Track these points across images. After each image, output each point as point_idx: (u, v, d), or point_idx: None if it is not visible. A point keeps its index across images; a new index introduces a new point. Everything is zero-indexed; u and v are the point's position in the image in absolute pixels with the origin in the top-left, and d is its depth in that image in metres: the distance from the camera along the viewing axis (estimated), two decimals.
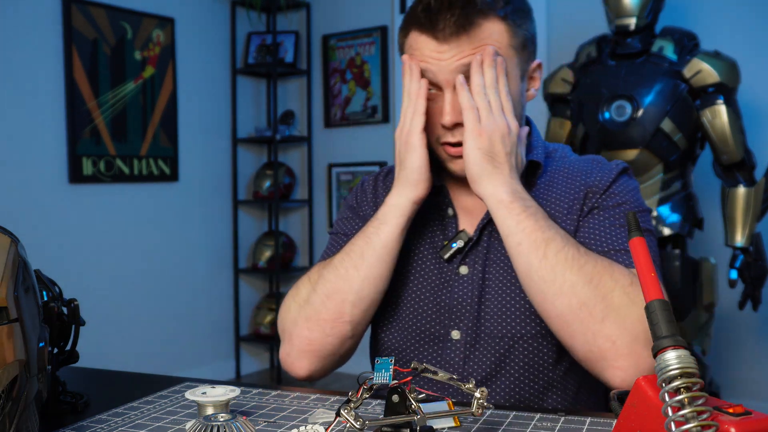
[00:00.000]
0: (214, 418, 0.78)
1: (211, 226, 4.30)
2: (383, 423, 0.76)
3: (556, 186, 1.15)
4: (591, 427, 0.84)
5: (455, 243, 1.13)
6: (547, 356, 1.10)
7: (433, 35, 1.06)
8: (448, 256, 1.13)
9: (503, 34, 1.08)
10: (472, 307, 1.12)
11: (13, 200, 3.30)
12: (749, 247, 2.68)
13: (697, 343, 2.75)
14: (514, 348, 1.10)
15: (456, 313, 1.13)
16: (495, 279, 1.12)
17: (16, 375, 0.71)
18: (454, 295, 1.13)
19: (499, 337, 1.10)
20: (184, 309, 4.12)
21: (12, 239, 0.76)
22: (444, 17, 1.05)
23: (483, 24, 1.06)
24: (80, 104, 3.59)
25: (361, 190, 1.28)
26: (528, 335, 1.09)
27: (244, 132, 4.49)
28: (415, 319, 1.15)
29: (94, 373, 1.18)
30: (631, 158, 2.70)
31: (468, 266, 1.14)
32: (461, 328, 1.12)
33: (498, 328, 1.10)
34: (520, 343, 1.10)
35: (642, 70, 2.69)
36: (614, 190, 1.12)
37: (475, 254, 1.14)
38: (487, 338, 1.11)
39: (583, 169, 1.16)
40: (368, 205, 1.25)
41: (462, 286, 1.13)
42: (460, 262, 1.14)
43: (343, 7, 4.40)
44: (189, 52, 4.13)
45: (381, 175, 1.29)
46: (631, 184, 1.14)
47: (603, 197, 1.11)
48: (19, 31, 3.34)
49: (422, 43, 1.08)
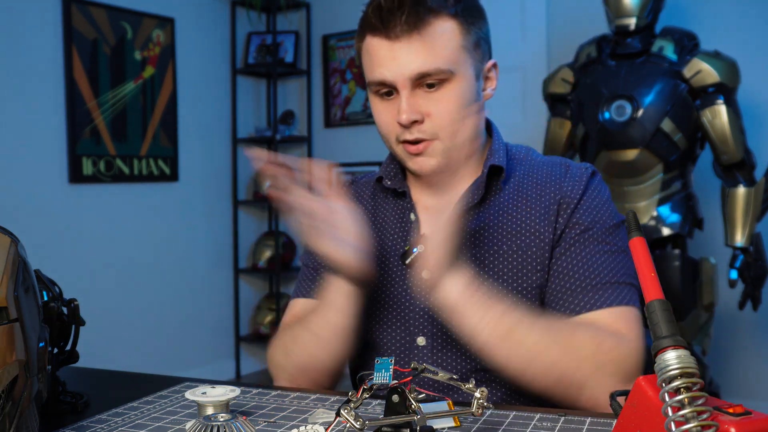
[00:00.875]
0: (214, 418, 0.78)
1: (211, 226, 4.30)
2: (383, 423, 0.76)
3: (526, 193, 1.14)
4: (591, 427, 0.84)
5: (416, 248, 1.11)
6: None
7: (385, 36, 1.07)
8: (409, 261, 1.11)
9: (455, 32, 1.08)
10: (433, 311, 1.10)
11: (13, 200, 3.29)
12: (749, 247, 2.68)
13: (697, 343, 2.75)
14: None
15: (419, 318, 1.12)
16: None
17: (16, 375, 0.71)
18: (417, 300, 1.12)
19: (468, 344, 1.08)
20: (184, 309, 4.12)
21: (12, 239, 0.76)
22: (395, 17, 1.05)
23: (434, 23, 1.06)
24: (80, 104, 3.59)
25: None
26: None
27: (244, 132, 4.49)
28: (382, 328, 1.15)
29: (94, 373, 1.18)
30: (631, 158, 2.70)
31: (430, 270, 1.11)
32: (425, 333, 1.12)
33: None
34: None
35: (642, 70, 2.69)
36: (586, 204, 1.11)
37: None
38: (455, 343, 1.09)
39: (552, 174, 1.14)
40: None
41: (425, 290, 1.09)
42: (423, 266, 1.11)
43: (343, 7, 4.40)
44: (189, 52, 4.13)
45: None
46: (602, 194, 1.13)
47: (576, 213, 1.10)
48: (19, 31, 3.34)
49: (376, 46, 1.09)
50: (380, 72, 1.08)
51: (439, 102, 1.08)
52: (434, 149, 1.09)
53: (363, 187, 1.27)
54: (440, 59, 1.06)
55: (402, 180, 1.20)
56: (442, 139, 1.09)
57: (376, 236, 1.18)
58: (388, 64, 1.07)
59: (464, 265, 1.03)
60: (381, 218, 1.21)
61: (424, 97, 1.08)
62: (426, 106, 1.08)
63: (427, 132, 1.08)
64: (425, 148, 1.09)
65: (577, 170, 1.14)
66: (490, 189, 1.14)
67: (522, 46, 3.72)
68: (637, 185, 2.75)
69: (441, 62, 1.06)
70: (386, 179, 1.20)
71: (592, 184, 1.13)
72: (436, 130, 1.08)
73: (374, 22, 1.08)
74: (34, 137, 3.42)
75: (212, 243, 4.31)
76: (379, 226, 1.20)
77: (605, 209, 1.11)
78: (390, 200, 1.21)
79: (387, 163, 1.22)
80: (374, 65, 1.09)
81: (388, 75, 1.08)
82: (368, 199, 1.25)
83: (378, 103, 1.13)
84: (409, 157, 1.11)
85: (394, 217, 1.19)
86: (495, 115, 1.25)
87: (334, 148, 4.47)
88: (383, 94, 1.11)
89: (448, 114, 1.08)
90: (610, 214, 1.12)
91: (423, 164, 1.11)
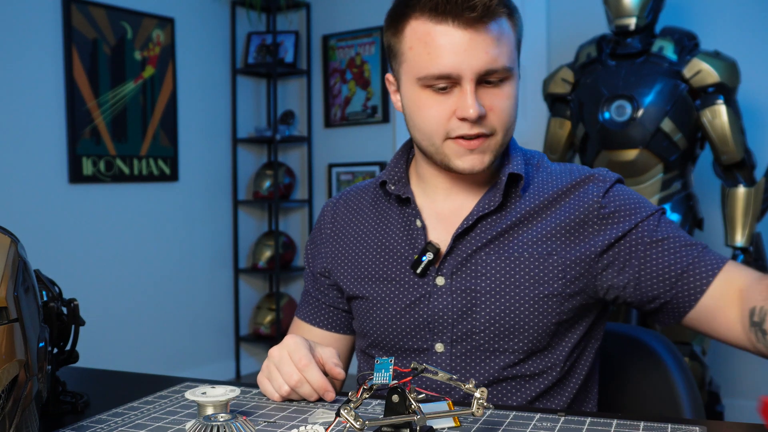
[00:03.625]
0: (214, 418, 0.78)
1: (211, 226, 4.30)
2: (383, 423, 0.76)
3: (546, 201, 1.11)
4: (591, 427, 0.84)
5: (425, 256, 1.10)
6: (539, 360, 1.09)
7: (454, 22, 1.01)
8: (420, 271, 1.10)
9: (512, 30, 1.06)
10: (453, 318, 1.09)
11: (13, 200, 3.30)
12: (749, 247, 2.68)
13: (697, 343, 2.75)
14: (504, 354, 1.08)
15: (437, 325, 1.10)
16: (484, 290, 1.08)
17: (16, 375, 0.71)
18: (433, 307, 1.10)
19: (490, 351, 1.08)
20: (184, 309, 4.12)
21: (12, 239, 0.76)
22: (467, 3, 1.00)
23: (501, 17, 1.04)
24: (80, 104, 3.59)
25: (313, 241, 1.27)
26: (516, 341, 1.07)
27: (244, 132, 4.49)
28: (397, 336, 1.13)
29: (94, 373, 1.18)
30: (631, 158, 2.70)
31: (445, 276, 1.10)
32: (444, 340, 1.10)
33: (487, 341, 1.08)
34: (509, 349, 1.08)
35: (642, 70, 2.69)
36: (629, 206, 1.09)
37: (450, 263, 1.10)
38: (477, 351, 1.08)
39: (572, 184, 1.12)
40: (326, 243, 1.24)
41: (441, 297, 1.10)
42: (436, 273, 1.11)
43: (343, 7, 4.40)
44: (189, 52, 4.13)
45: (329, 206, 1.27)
46: (632, 192, 1.13)
47: (630, 219, 1.08)
48: (19, 31, 3.34)
49: (440, 33, 1.02)
50: (445, 64, 1.02)
51: (501, 97, 1.06)
52: (489, 145, 1.07)
53: (362, 194, 1.25)
54: (506, 56, 1.04)
55: (406, 185, 1.17)
56: (497, 135, 1.07)
57: (382, 238, 1.17)
58: (455, 56, 1.02)
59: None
60: (386, 224, 1.19)
61: (487, 92, 1.05)
62: (489, 100, 1.05)
63: (487, 126, 1.06)
64: (482, 143, 1.06)
65: (600, 178, 1.12)
66: (509, 196, 1.12)
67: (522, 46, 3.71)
68: (637, 185, 2.75)
69: (507, 59, 1.04)
70: (390, 184, 1.17)
71: (622, 188, 1.12)
72: (496, 125, 1.06)
73: (438, 3, 1.02)
74: (34, 137, 3.42)
75: (212, 243, 4.31)
76: (384, 233, 1.18)
77: (646, 203, 1.11)
78: (394, 206, 1.19)
79: (392, 166, 1.19)
80: (436, 56, 1.02)
81: (455, 68, 1.02)
82: (369, 205, 1.22)
83: (429, 98, 1.06)
84: (461, 153, 1.07)
85: (399, 223, 1.17)
86: None
87: (334, 148, 4.48)
88: (439, 89, 1.05)
89: (507, 109, 1.07)
90: (648, 204, 1.11)
91: (476, 161, 1.07)
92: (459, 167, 1.08)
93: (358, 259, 1.19)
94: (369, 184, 1.25)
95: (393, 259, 1.15)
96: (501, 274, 1.08)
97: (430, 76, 1.03)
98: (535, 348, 1.08)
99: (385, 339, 1.15)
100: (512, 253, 1.09)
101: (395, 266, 1.14)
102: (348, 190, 1.28)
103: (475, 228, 1.11)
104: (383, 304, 1.14)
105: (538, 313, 1.07)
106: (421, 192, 1.17)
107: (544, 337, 1.08)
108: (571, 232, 1.09)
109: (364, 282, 1.17)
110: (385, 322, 1.14)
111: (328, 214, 1.26)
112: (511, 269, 1.08)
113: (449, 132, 1.06)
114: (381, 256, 1.16)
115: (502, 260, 1.08)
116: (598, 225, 1.08)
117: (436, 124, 1.06)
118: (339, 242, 1.22)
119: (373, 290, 1.15)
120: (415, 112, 1.08)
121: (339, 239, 1.22)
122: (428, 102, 1.06)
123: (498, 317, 1.07)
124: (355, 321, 1.21)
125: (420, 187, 1.17)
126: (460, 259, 1.10)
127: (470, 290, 1.09)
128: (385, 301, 1.14)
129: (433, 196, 1.16)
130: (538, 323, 1.07)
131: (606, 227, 1.08)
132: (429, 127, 1.07)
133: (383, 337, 1.15)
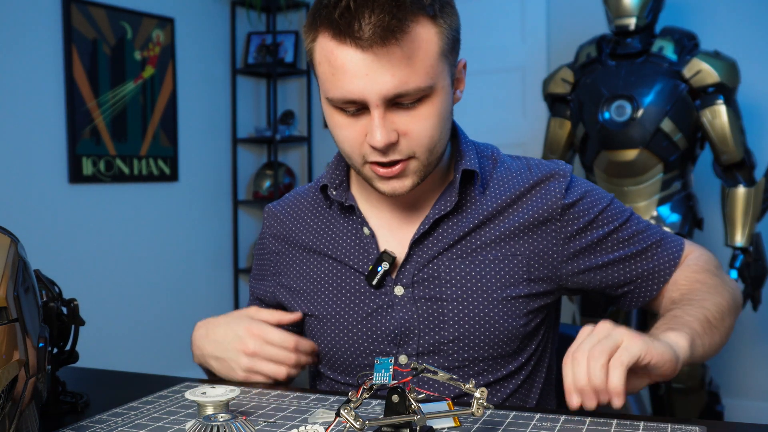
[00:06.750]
0: (214, 418, 0.78)
1: (211, 226, 4.30)
2: (383, 423, 0.76)
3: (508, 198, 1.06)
4: (591, 427, 0.84)
5: (381, 267, 1.04)
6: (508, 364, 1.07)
7: (352, 42, 0.88)
8: (376, 282, 1.04)
9: (434, 38, 0.92)
10: (419, 328, 1.04)
11: (13, 200, 3.29)
12: (749, 247, 2.68)
13: None
14: (474, 363, 1.05)
15: (402, 337, 1.05)
16: (450, 298, 1.03)
17: (16, 375, 0.71)
18: (393, 319, 1.05)
19: (459, 362, 1.05)
20: (184, 309, 4.12)
21: (12, 239, 0.76)
22: (363, 16, 0.87)
23: (413, 27, 0.89)
24: (80, 104, 3.59)
25: (261, 257, 1.23)
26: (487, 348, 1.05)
27: (244, 132, 4.49)
28: (355, 352, 1.07)
29: (94, 373, 1.18)
30: (631, 158, 2.70)
31: (404, 286, 1.05)
32: (408, 352, 1.05)
33: (456, 350, 1.04)
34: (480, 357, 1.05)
35: (642, 70, 2.69)
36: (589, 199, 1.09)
37: (410, 271, 1.05)
38: (446, 362, 1.05)
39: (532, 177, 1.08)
40: (271, 265, 1.20)
41: (403, 307, 1.05)
42: (393, 283, 1.05)
43: None
44: (189, 52, 4.13)
45: (270, 217, 1.22)
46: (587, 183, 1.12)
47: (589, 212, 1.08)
48: (19, 31, 3.34)
49: (339, 56, 0.90)
50: (347, 90, 0.91)
51: (417, 119, 0.94)
52: (409, 169, 0.97)
53: (302, 201, 1.17)
54: (421, 75, 0.91)
55: (347, 190, 1.09)
56: (418, 158, 0.96)
57: (330, 250, 1.10)
58: (357, 80, 0.90)
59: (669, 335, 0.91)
60: (331, 233, 1.11)
61: (400, 115, 0.93)
62: (402, 124, 0.93)
63: (403, 152, 0.95)
64: (400, 170, 0.96)
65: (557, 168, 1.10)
66: (465, 195, 1.06)
67: (522, 46, 3.72)
68: (637, 185, 2.75)
69: (422, 79, 0.91)
70: (331, 188, 1.09)
71: (578, 180, 1.11)
72: (413, 148, 0.95)
73: (335, 19, 0.88)
74: (34, 137, 3.41)
75: (212, 243, 4.31)
76: (331, 242, 1.10)
77: (601, 191, 1.11)
78: (337, 212, 1.11)
79: (333, 168, 1.10)
80: (338, 79, 0.91)
81: (358, 93, 0.91)
82: (311, 213, 1.15)
83: (340, 119, 0.96)
84: (379, 179, 0.98)
85: (346, 231, 1.10)
86: (495, 115, 1.25)
87: (334, 148, 4.46)
88: (348, 112, 0.95)
89: (426, 131, 0.94)
90: (604, 194, 1.11)
91: (396, 186, 0.98)
92: (381, 190, 1.00)
93: (305, 274, 1.12)
94: (308, 189, 1.18)
95: (343, 271, 1.09)
96: (467, 279, 1.03)
97: (336, 99, 0.94)
98: (504, 353, 1.05)
99: (341, 356, 1.09)
100: (476, 256, 1.04)
101: (346, 278, 1.08)
102: (287, 197, 1.21)
103: (434, 232, 1.05)
104: (337, 318, 1.08)
105: (507, 317, 1.03)
106: (365, 196, 1.09)
107: (513, 341, 1.05)
108: (533, 230, 1.06)
109: (312, 298, 1.11)
110: (341, 337, 1.08)
111: (271, 227, 1.20)
112: (477, 273, 1.03)
113: (365, 156, 0.97)
114: (330, 268, 1.10)
115: (467, 264, 1.04)
116: (561, 219, 1.07)
117: (350, 147, 0.97)
118: (284, 259, 1.16)
119: (325, 305, 1.09)
120: (333, 130, 1.00)
121: (283, 255, 1.17)
122: (341, 123, 0.96)
123: (467, 324, 1.03)
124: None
125: (366, 190, 1.09)
126: (420, 266, 1.05)
127: (435, 298, 1.04)
128: (339, 315, 1.08)
129: (379, 200, 1.08)
130: (507, 327, 1.04)
131: (570, 220, 1.07)
132: (346, 149, 0.99)
133: (338, 355, 1.09)
